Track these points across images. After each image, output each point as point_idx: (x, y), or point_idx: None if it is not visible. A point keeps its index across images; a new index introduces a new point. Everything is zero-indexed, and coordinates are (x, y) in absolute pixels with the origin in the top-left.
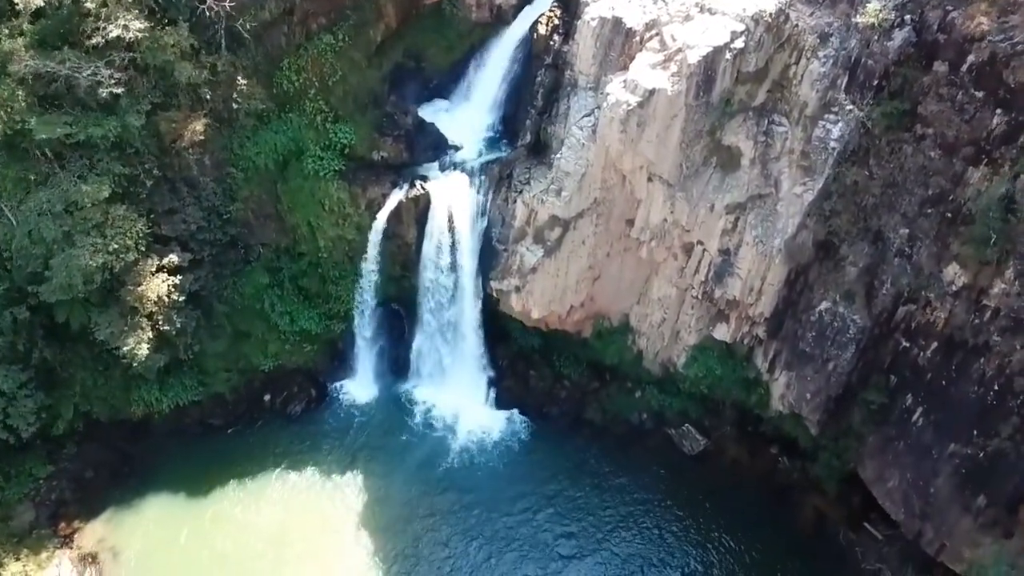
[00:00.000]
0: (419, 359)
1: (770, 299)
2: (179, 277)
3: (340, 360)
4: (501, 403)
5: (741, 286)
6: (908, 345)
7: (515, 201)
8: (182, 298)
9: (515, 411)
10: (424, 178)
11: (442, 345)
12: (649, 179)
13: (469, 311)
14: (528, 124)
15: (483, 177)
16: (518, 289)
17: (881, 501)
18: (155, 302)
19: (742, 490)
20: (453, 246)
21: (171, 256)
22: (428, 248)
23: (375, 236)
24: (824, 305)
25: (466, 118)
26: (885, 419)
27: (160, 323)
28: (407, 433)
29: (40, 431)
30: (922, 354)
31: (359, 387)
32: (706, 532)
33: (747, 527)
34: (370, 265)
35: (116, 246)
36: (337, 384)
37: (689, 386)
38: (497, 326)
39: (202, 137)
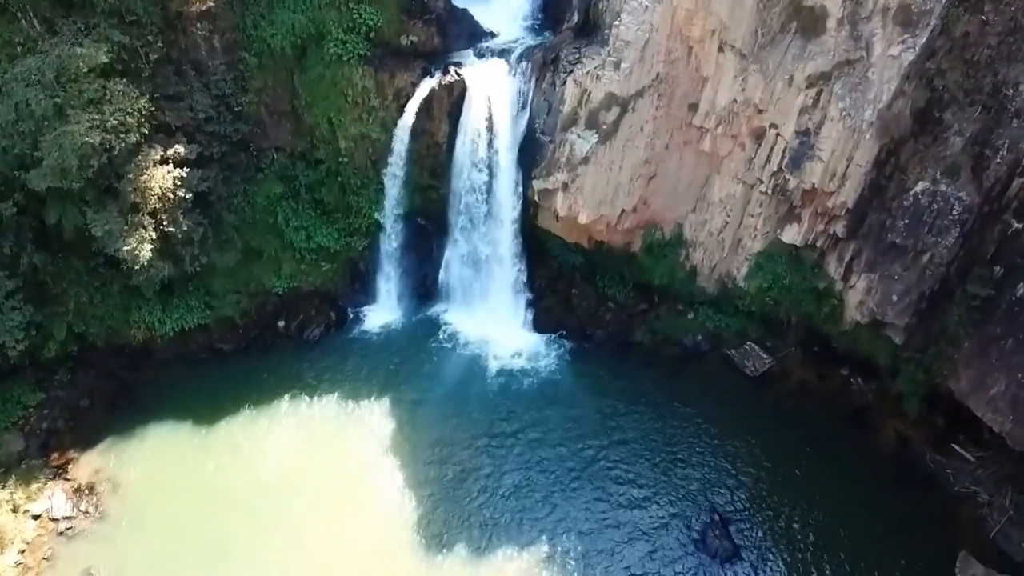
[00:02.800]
0: (449, 279)
1: (855, 184)
2: (186, 170)
3: (361, 282)
4: (540, 326)
5: (822, 171)
6: (1021, 227)
7: (564, 83)
8: (189, 195)
9: (555, 335)
10: (458, 64)
11: (475, 262)
12: (720, 49)
13: (506, 220)
14: (575, 2)
15: (526, 63)
16: (565, 187)
17: (981, 413)
18: (159, 197)
19: (812, 413)
20: (490, 142)
21: (176, 147)
22: (461, 146)
23: (402, 133)
24: (921, 186)
25: (502, 4)
26: (989, 316)
27: (164, 223)
28: (437, 359)
29: (29, 352)
30: None
31: (383, 312)
32: (774, 458)
33: (821, 451)
34: (395, 170)
35: (115, 122)
36: (358, 309)
37: (749, 303)
38: (535, 246)
39: (211, 3)
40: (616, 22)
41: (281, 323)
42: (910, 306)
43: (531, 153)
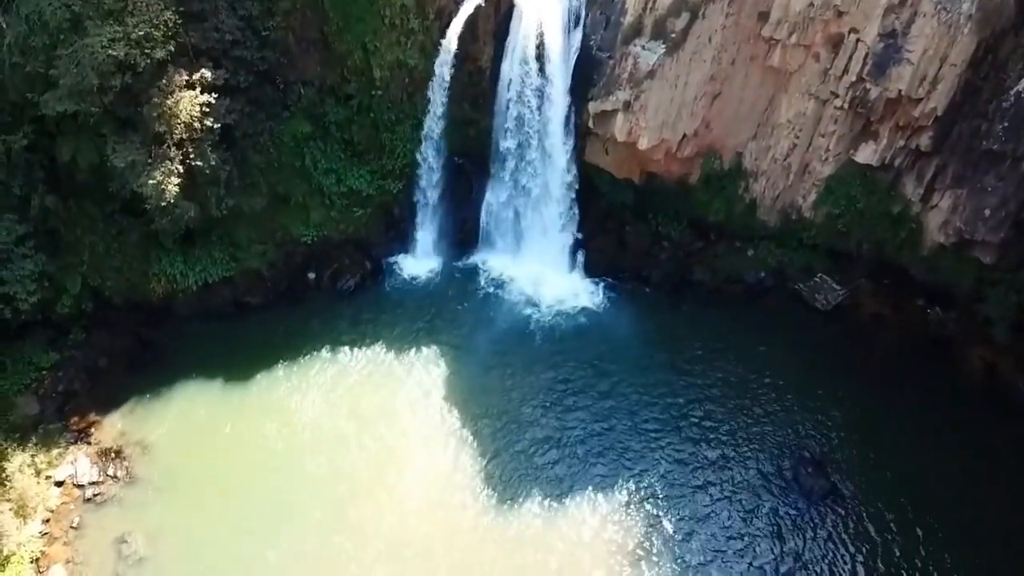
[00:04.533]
0: (491, 223)
1: (947, 88)
2: (214, 96)
3: (396, 229)
4: (591, 269)
5: (911, 75)
6: None
7: None
8: (217, 126)
9: (608, 278)
10: None
11: (519, 203)
12: None
13: (557, 152)
14: None
15: None
16: (627, 106)
17: None
18: (186, 126)
19: (890, 347)
20: (540, 63)
21: (203, 71)
22: (508, 70)
23: (444, 58)
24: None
25: None
26: None
27: (191, 156)
28: (482, 307)
29: (41, 307)
30: None
31: (420, 260)
32: (856, 393)
33: (904, 384)
34: (434, 103)
35: (140, 35)
36: (394, 258)
37: (815, 234)
38: (582, 184)
39: None
40: None
41: (311, 275)
42: (1006, 219)
43: (585, 75)
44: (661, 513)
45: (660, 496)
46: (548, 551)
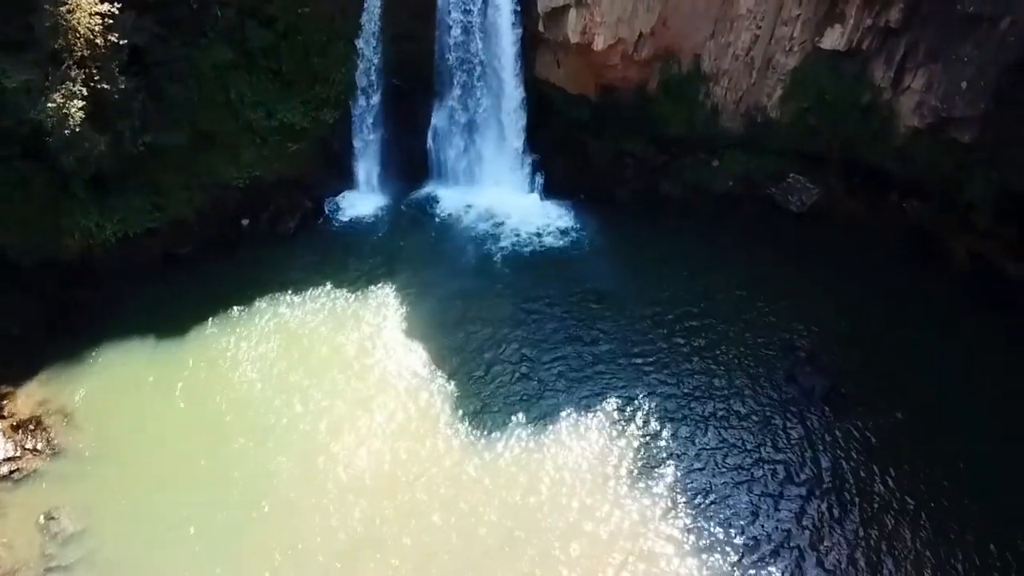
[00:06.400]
0: (440, 150)
1: None
2: (117, 6)
3: (337, 164)
4: (552, 191)
5: None
6: None
7: None
8: (124, 42)
9: (571, 199)
10: None
11: (468, 126)
12: None
13: (506, 63)
14: None
15: None
16: (579, 1)
17: None
18: (87, 41)
19: (871, 243)
20: None
21: None
22: None
23: None
24: None
25: None
26: None
27: (96, 78)
28: (437, 240)
29: None
30: None
31: (365, 197)
32: (843, 292)
33: (889, 279)
34: (368, 17)
35: None
36: (336, 196)
37: (783, 136)
38: (535, 103)
39: None
40: None
41: (246, 221)
42: (986, 89)
43: None
44: (655, 431)
45: (652, 414)
46: (535, 479)
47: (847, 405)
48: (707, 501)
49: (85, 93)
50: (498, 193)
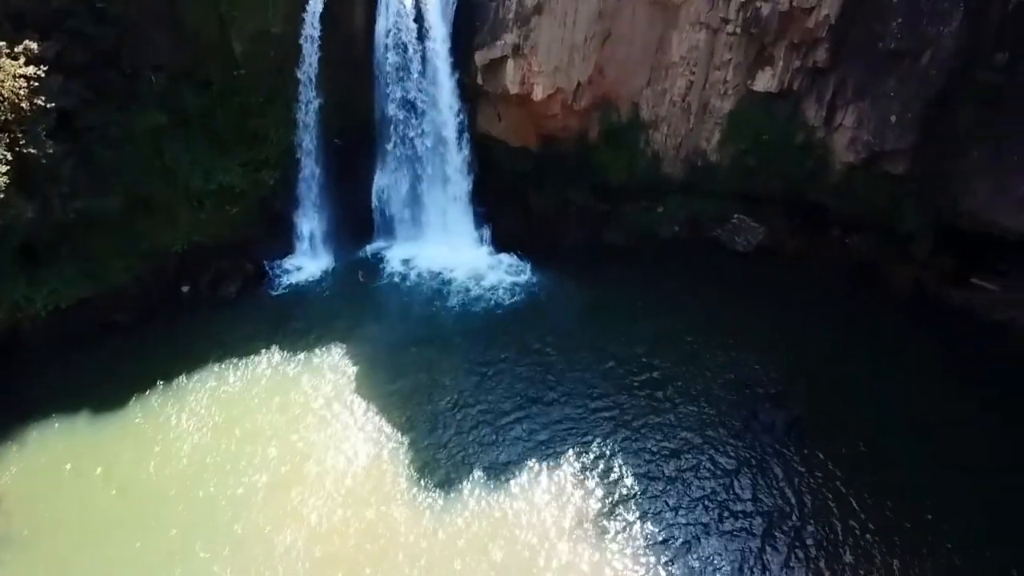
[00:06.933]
0: (384, 206)
1: None
2: (43, 69)
3: (278, 225)
4: (500, 243)
5: None
6: None
7: None
8: (51, 105)
9: (518, 250)
10: None
11: (412, 182)
12: None
13: (447, 117)
14: None
15: None
16: (516, 50)
17: (1009, 222)
18: (12, 105)
19: (817, 279)
20: (418, 15)
21: (27, 42)
22: (383, 30)
23: (312, 20)
24: None
25: None
26: (1001, 110)
27: (21, 141)
28: (384, 298)
29: None
30: None
31: (309, 258)
32: (793, 327)
33: (838, 311)
34: (306, 77)
35: None
36: (280, 259)
37: (724, 178)
38: (478, 157)
39: None
40: None
41: (185, 288)
42: (913, 122)
43: (468, 28)
44: (617, 478)
45: (616, 464)
46: (491, 535)
47: (808, 437)
48: (678, 546)
49: (10, 158)
50: (445, 248)
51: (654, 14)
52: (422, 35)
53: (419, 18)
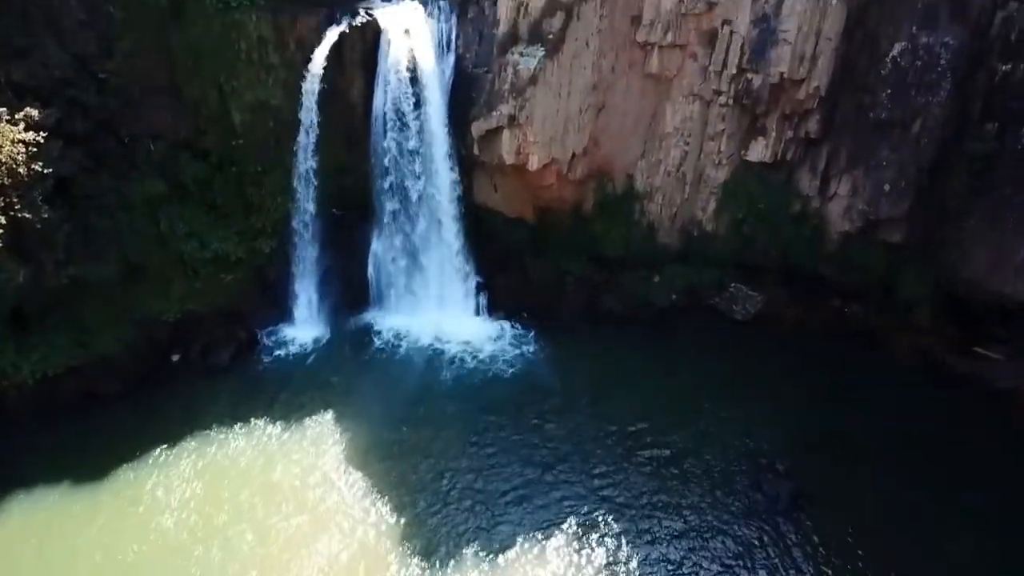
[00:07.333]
0: (381, 277)
1: (827, 63)
2: (42, 135)
3: (273, 294)
4: (497, 310)
5: (790, 54)
6: (1010, 67)
7: (495, 2)
8: (49, 171)
9: (515, 317)
10: (368, 8)
11: (409, 251)
12: None
13: (443, 188)
14: None
15: (443, 2)
16: (512, 121)
17: (1010, 289)
18: (8, 169)
19: (818, 348)
20: (415, 89)
21: (27, 109)
22: (381, 102)
23: (309, 93)
24: (898, 47)
25: None
26: (994, 178)
27: (16, 206)
28: (378, 367)
29: None
30: None
31: (303, 327)
32: (795, 396)
33: (840, 380)
34: (303, 147)
35: None
36: (273, 328)
37: (720, 247)
38: (474, 226)
39: None
40: None
41: (176, 357)
42: (907, 190)
43: (464, 99)
44: (619, 553)
45: (615, 535)
46: None
47: (815, 508)
48: None
49: (3, 222)
50: (441, 317)
51: (647, 86)
52: (419, 106)
53: (416, 90)
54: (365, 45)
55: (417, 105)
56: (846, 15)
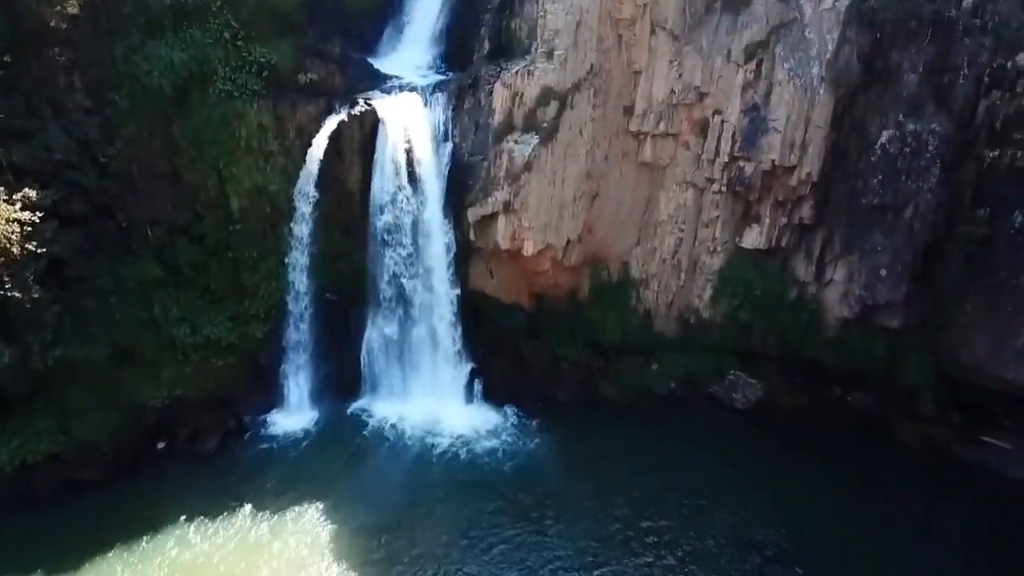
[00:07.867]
0: (374, 364)
1: (818, 150)
2: (39, 215)
3: (264, 380)
4: (492, 397)
5: (780, 142)
6: (997, 154)
7: (491, 92)
8: (42, 251)
9: (510, 404)
10: (367, 98)
11: (404, 340)
12: (652, 31)
13: (439, 279)
14: (484, 32)
15: (440, 93)
16: (507, 207)
17: (1012, 375)
18: (1, 248)
19: (820, 437)
20: (412, 177)
21: (25, 190)
22: (379, 190)
23: (307, 179)
24: (886, 135)
25: (401, 58)
26: (990, 262)
27: (7, 284)
28: (370, 456)
29: None
30: (1020, 154)
31: (293, 414)
32: (799, 487)
33: (843, 467)
34: (299, 233)
35: None
36: (263, 414)
37: (718, 335)
38: (470, 312)
39: (75, 10)
40: (541, 13)
41: (161, 444)
42: (904, 275)
43: (460, 188)
44: None
45: None
46: None
47: None
48: None
49: None
50: (435, 404)
51: (641, 174)
52: (416, 193)
53: (413, 177)
54: (363, 134)
55: (414, 191)
56: (833, 104)
